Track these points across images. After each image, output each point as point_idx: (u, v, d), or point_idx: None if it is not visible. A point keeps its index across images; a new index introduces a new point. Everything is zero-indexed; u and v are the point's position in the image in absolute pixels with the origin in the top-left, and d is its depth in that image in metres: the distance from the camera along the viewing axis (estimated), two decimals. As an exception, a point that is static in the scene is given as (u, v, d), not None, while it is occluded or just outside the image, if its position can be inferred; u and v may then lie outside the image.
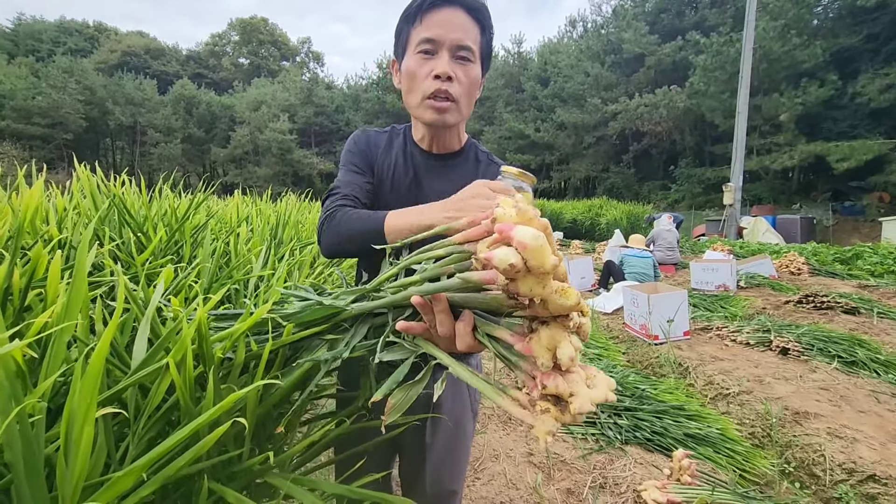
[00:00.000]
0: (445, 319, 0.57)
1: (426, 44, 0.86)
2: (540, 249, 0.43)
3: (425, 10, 0.86)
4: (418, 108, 0.91)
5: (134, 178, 2.05)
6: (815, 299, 4.64)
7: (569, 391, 0.46)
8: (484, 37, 0.91)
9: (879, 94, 15.04)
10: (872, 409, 2.60)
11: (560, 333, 0.47)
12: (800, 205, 17.69)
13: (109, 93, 32.32)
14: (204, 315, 0.72)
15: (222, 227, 2.06)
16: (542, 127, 27.54)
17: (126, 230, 1.56)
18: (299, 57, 55.65)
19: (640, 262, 5.82)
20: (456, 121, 0.92)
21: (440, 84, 0.86)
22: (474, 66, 0.90)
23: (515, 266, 0.43)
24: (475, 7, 0.88)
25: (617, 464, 2.01)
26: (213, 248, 1.67)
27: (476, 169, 1.01)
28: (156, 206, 1.87)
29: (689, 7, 25.47)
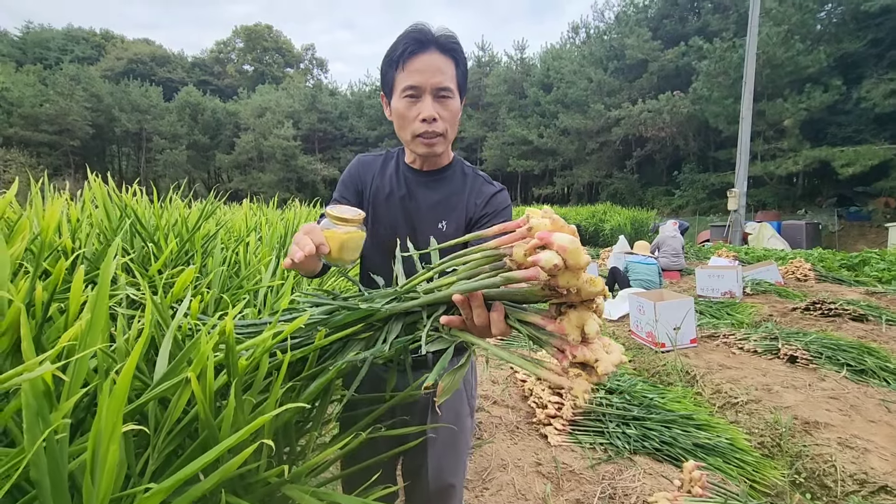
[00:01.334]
0: (482, 312, 0.65)
1: (410, 90, 1.00)
2: (576, 251, 0.53)
3: (406, 57, 0.99)
4: (411, 144, 1.06)
5: (141, 185, 2.07)
6: (823, 306, 4.62)
7: (594, 357, 0.57)
8: (459, 69, 1.05)
9: (884, 100, 15.00)
10: (883, 418, 2.58)
11: (587, 313, 0.58)
12: (805, 210, 17.60)
13: (116, 100, 32.61)
14: (231, 325, 0.73)
15: (231, 237, 2.07)
16: (546, 133, 27.56)
17: (137, 240, 1.57)
18: (303, 63, 56.04)
19: (645, 268, 5.81)
20: (444, 149, 1.08)
21: (427, 126, 1.00)
22: (454, 101, 1.04)
23: (559, 265, 0.53)
24: (449, 47, 1.01)
25: (626, 474, 2.00)
26: (224, 257, 1.68)
27: (464, 181, 1.14)
28: (166, 216, 1.89)
29: (692, 13, 25.54)
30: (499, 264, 0.63)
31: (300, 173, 34.96)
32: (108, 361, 0.73)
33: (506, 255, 0.62)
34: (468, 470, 2.07)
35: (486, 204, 1.09)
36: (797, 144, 17.02)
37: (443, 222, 1.09)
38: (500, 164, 31.16)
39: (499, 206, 1.10)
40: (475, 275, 0.66)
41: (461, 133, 33.13)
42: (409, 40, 0.99)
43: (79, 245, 1.48)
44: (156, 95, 35.19)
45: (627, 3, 27.89)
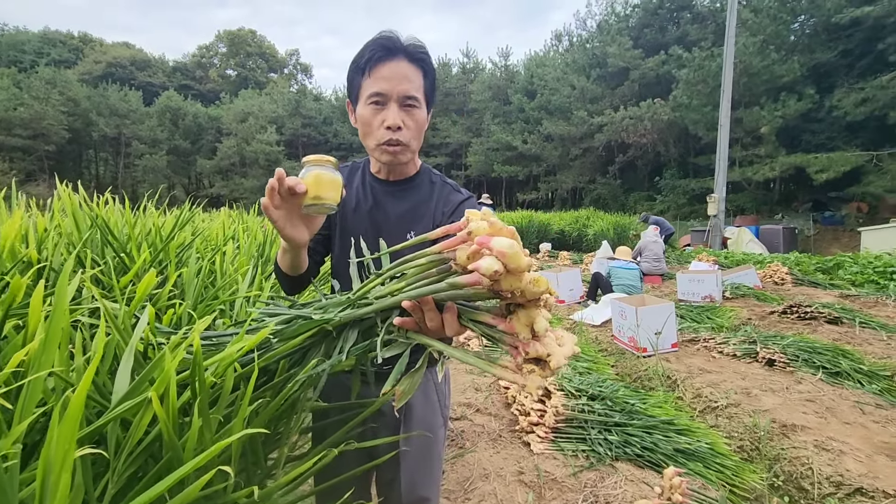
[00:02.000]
0: (434, 315, 0.65)
1: (376, 97, 0.98)
2: (516, 255, 0.54)
3: (373, 64, 0.98)
4: (374, 152, 1.04)
5: (119, 191, 2.02)
6: (799, 309, 4.72)
7: (546, 352, 0.58)
8: (427, 80, 1.04)
9: (855, 108, 15.48)
10: (857, 420, 2.63)
11: (534, 311, 0.59)
12: (781, 215, 18.03)
13: (93, 104, 31.95)
14: (198, 340, 0.70)
15: (208, 246, 2.03)
16: (530, 139, 27.79)
17: (109, 251, 1.53)
18: (287, 69, 55.72)
19: (627, 273, 5.87)
20: (408, 159, 1.06)
21: (392, 134, 0.99)
22: (420, 111, 1.03)
23: (499, 272, 0.54)
24: (417, 57, 1.00)
25: (608, 481, 2.00)
26: (199, 267, 1.65)
27: (431, 190, 1.13)
28: (140, 225, 1.84)
29: (672, 22, 26.07)
30: (444, 267, 0.64)
31: (284, 179, 34.62)
32: (63, 383, 0.70)
33: (450, 258, 0.63)
34: (449, 480, 2.05)
35: (454, 212, 1.08)
36: (774, 151, 17.45)
37: (411, 232, 1.08)
38: (484, 170, 31.31)
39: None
40: (423, 278, 0.67)
41: (446, 138, 33.25)
42: (377, 47, 0.98)
43: (45, 256, 1.43)
44: (135, 100, 34.57)
45: (609, 12, 28.39)
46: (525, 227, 13.71)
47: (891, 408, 2.82)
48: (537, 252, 12.40)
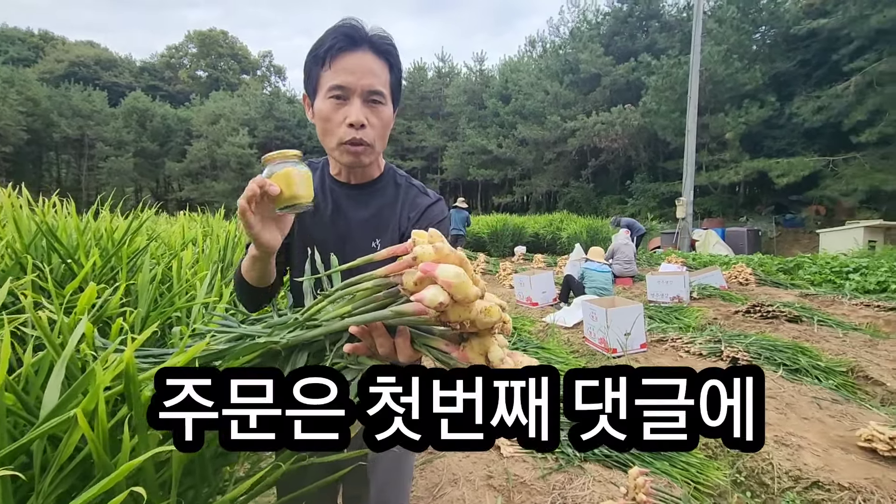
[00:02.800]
0: (385, 341, 0.62)
1: (337, 90, 0.89)
2: (462, 285, 0.51)
3: (334, 54, 0.88)
4: (335, 152, 0.94)
5: (80, 195, 1.93)
6: (762, 309, 4.88)
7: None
8: (393, 75, 0.95)
9: (812, 115, 16.20)
10: (815, 415, 2.73)
11: (488, 339, 0.56)
12: (746, 217, 18.68)
13: (55, 104, 30.69)
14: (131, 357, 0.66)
15: (166, 251, 1.95)
16: (504, 143, 28.06)
17: (55, 257, 1.45)
18: (260, 70, 54.81)
19: (600, 276, 5.95)
20: (371, 161, 0.97)
21: (355, 132, 0.89)
22: (386, 108, 0.94)
23: (444, 303, 0.51)
24: (383, 48, 0.91)
25: (576, 482, 2.01)
26: (153, 274, 1.58)
27: (396, 193, 1.05)
28: (92, 230, 1.76)
29: (641, 31, 26.79)
30: (392, 291, 0.61)
31: (256, 182, 33.99)
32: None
33: (397, 283, 0.59)
34: (418, 486, 2.02)
35: (420, 217, 1.01)
36: (738, 156, 18.09)
37: (376, 240, 1.01)
38: (460, 173, 31.43)
39: (433, 219, 1.02)
40: (370, 302, 0.64)
41: (422, 142, 33.26)
42: (339, 35, 0.88)
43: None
44: (100, 100, 33.35)
45: (581, 19, 28.98)
46: (500, 231, 13.80)
47: (846, 402, 2.94)
48: (512, 255, 12.49)
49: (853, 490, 1.98)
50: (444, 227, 1.02)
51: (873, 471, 2.10)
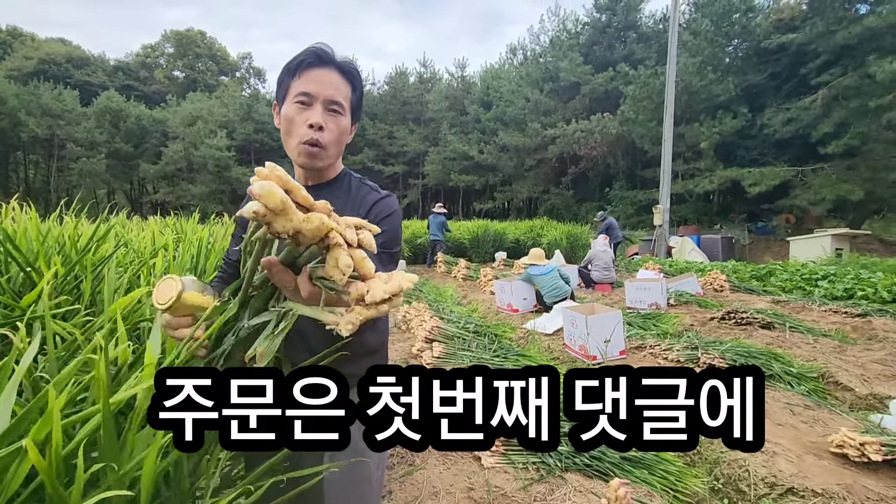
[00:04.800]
0: (285, 276, 0.67)
1: (303, 96, 1.01)
2: (268, 194, 0.55)
3: (304, 67, 1.02)
4: (293, 151, 1.05)
5: (49, 198, 1.83)
6: (736, 316, 4.98)
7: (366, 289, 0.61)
8: (354, 94, 1.09)
9: (782, 127, 16.75)
10: (788, 421, 2.78)
11: (336, 251, 0.59)
12: (720, 225, 19.16)
13: (22, 102, 29.55)
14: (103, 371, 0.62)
15: (136, 258, 1.88)
16: (486, 149, 28.21)
17: (13, 266, 1.38)
18: (239, 72, 53.98)
19: (544, 279, 5.85)
20: (325, 164, 1.08)
21: (313, 133, 1.01)
22: (343, 118, 1.06)
23: (259, 212, 0.55)
24: (347, 70, 1.06)
25: (557, 493, 2.00)
26: (120, 283, 1.52)
27: (348, 194, 1.13)
28: (54, 235, 1.68)
29: (619, 41, 27.36)
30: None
31: (234, 185, 33.33)
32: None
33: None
34: (397, 499, 1.98)
35: (368, 212, 1.08)
36: (712, 165, 18.57)
37: None
38: (441, 179, 31.47)
39: (381, 213, 1.08)
40: (265, 246, 0.73)
41: (403, 147, 33.21)
42: (310, 54, 1.02)
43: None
44: (71, 99, 32.26)
45: (561, 28, 29.42)
46: (481, 236, 13.83)
47: (817, 408, 3.00)
48: (493, 261, 12.52)
49: (826, 496, 2.01)
50: (392, 221, 1.09)
51: (845, 476, 2.15)
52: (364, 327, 0.65)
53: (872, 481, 2.12)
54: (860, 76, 14.12)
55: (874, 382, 3.38)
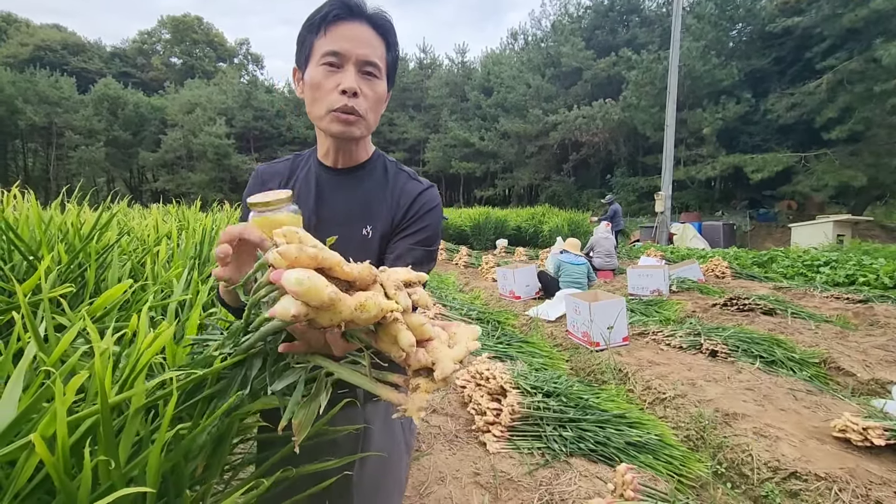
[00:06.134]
0: (312, 336, 0.58)
1: (331, 56, 0.85)
2: (309, 290, 0.44)
3: (330, 21, 0.85)
4: (323, 120, 0.89)
5: (49, 186, 1.82)
6: (738, 302, 4.98)
7: (431, 360, 0.52)
8: (389, 53, 0.92)
9: (786, 112, 16.58)
10: (791, 406, 2.80)
11: (393, 328, 0.51)
12: (722, 212, 19.10)
13: (19, 90, 29.29)
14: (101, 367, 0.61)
15: (139, 246, 1.87)
16: (487, 136, 28.02)
17: (17, 255, 1.37)
18: (237, 58, 53.40)
19: (575, 269, 5.90)
20: (362, 134, 0.92)
21: (347, 100, 0.85)
22: (380, 82, 0.91)
23: (298, 315, 0.45)
24: (380, 24, 0.89)
25: (563, 478, 2.01)
26: (124, 271, 1.51)
27: (385, 178, 0.99)
28: (57, 223, 1.66)
29: (621, 25, 26.99)
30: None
31: (234, 173, 33.21)
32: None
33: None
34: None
35: (412, 203, 0.96)
36: (714, 151, 18.43)
37: (367, 227, 0.94)
38: (442, 166, 31.32)
39: (425, 207, 0.96)
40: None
41: (403, 134, 33.00)
42: (338, 4, 0.85)
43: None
44: (68, 86, 31.97)
45: (562, 13, 29.03)
46: (482, 224, 13.81)
47: (819, 393, 3.02)
48: (494, 248, 12.51)
49: (829, 480, 2.03)
50: (435, 215, 0.98)
51: (847, 461, 2.16)
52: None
53: (875, 465, 2.14)
54: (866, 60, 13.93)
55: (876, 368, 3.39)
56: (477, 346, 0.55)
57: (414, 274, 0.57)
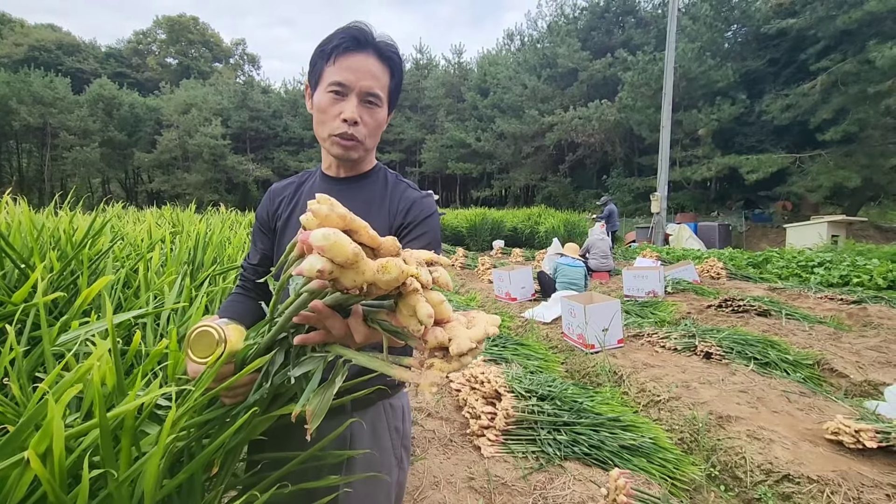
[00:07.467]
0: (334, 323, 0.60)
1: (337, 86, 0.93)
2: (334, 246, 0.46)
3: (340, 52, 0.92)
4: (326, 142, 0.98)
5: (43, 187, 1.81)
6: (733, 303, 5.01)
7: (447, 337, 0.52)
8: (393, 80, 1.01)
9: (781, 113, 16.67)
10: (784, 408, 2.81)
11: (412, 298, 0.52)
12: (717, 213, 19.18)
13: (13, 90, 29.14)
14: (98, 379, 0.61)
15: (132, 252, 1.86)
16: (483, 136, 28.07)
17: (7, 262, 1.36)
18: (233, 59, 53.29)
19: (572, 271, 5.94)
20: (360, 156, 1.01)
21: (347, 127, 0.94)
22: (381, 110, 0.99)
23: (324, 270, 0.47)
24: (387, 55, 0.97)
25: (557, 482, 2.02)
26: (117, 277, 1.50)
27: (385, 188, 1.06)
28: (49, 230, 1.66)
29: (617, 26, 27.08)
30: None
31: (230, 174, 33.16)
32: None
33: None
34: (399, 490, 2.00)
35: (409, 210, 1.01)
36: (710, 152, 18.52)
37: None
38: (438, 167, 31.34)
39: (422, 213, 1.02)
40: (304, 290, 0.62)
41: (400, 135, 32.99)
42: (347, 36, 0.92)
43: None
44: (62, 87, 31.81)
45: (558, 14, 29.10)
46: (479, 225, 13.82)
47: (813, 395, 3.03)
48: (490, 249, 12.52)
49: (821, 483, 2.04)
50: (432, 222, 1.03)
51: (840, 463, 2.18)
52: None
53: (867, 468, 2.15)
54: (860, 62, 14.03)
55: (869, 369, 3.41)
56: (496, 332, 0.56)
57: (436, 255, 0.60)
